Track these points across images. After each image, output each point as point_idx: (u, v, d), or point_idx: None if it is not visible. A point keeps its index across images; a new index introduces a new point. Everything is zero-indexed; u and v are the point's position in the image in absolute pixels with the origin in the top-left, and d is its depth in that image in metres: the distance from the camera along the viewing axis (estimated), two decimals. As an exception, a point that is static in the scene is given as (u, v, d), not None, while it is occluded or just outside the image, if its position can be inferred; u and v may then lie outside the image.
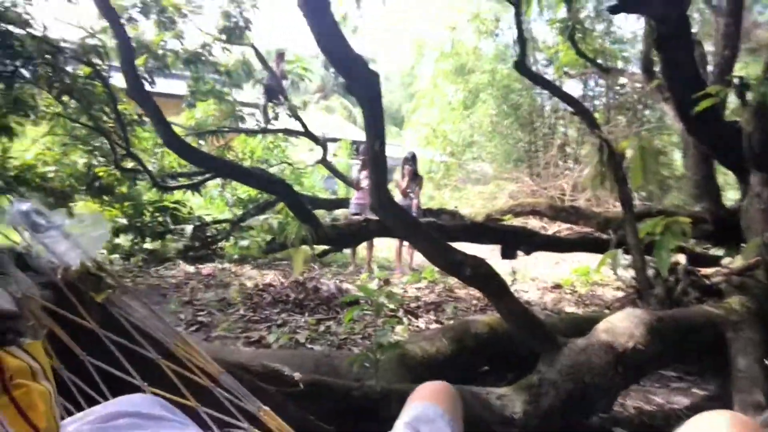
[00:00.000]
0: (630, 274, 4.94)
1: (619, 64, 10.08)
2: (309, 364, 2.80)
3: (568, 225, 8.50)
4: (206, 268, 6.88)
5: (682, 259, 4.02)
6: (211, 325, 4.28)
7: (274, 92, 7.39)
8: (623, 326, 2.53)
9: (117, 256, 7.40)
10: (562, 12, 6.12)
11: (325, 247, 4.71)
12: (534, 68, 11.62)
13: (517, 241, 4.64)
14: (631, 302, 4.25)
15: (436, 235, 3.65)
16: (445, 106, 12.57)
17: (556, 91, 4.18)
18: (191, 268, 6.90)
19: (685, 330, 2.76)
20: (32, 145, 7.29)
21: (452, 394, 1.24)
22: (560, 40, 6.41)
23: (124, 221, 7.58)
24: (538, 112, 11.66)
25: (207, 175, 6.62)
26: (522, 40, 3.29)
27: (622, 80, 10.16)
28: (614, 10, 4.21)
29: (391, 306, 4.99)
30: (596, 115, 12.12)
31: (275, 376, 1.75)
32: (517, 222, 10.52)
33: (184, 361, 1.07)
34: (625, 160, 3.58)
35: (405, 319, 4.58)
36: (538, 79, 3.81)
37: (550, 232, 10.11)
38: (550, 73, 10.22)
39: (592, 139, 3.34)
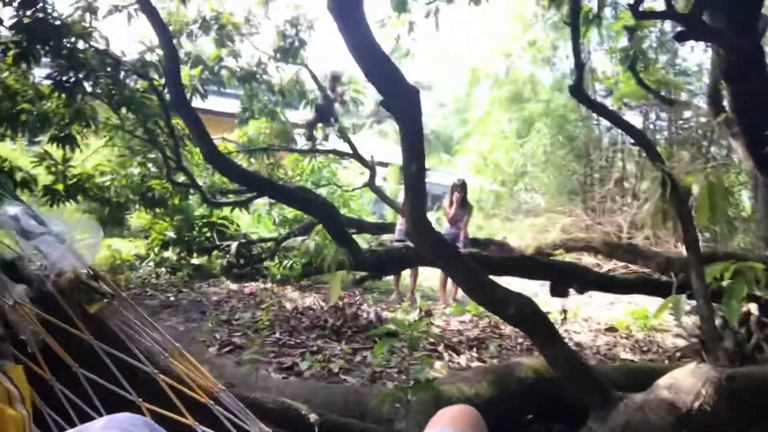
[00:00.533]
0: (692, 321, 4.56)
1: (683, 97, 9.62)
2: (337, 399, 2.64)
3: (625, 264, 8.06)
4: (249, 287, 6.86)
5: (754, 309, 3.65)
6: (245, 347, 4.18)
7: (325, 113, 7.39)
8: (688, 383, 2.24)
9: (163, 269, 7.50)
10: (623, 41, 5.87)
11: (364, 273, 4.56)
12: (592, 96, 11.29)
13: (568, 279, 4.35)
14: (694, 353, 3.87)
15: (481, 267, 3.43)
16: (498, 135, 12.34)
17: (614, 119, 3.92)
18: (234, 286, 6.90)
19: (760, 391, 2.44)
20: (92, 155, 7.53)
21: (475, 420, 1.16)
22: (620, 70, 6.13)
23: (172, 235, 7.69)
24: (595, 144, 11.25)
25: (255, 193, 6.62)
26: (579, 63, 3.08)
27: (687, 114, 9.69)
28: (681, 37, 3.95)
29: (431, 340, 4.78)
30: (658, 149, 11.61)
31: (292, 414, 1.59)
32: (570, 258, 10.09)
33: (181, 375, 0.96)
34: (691, 197, 3.28)
35: (445, 355, 4.36)
36: (595, 106, 3.59)
37: (604, 270, 9.64)
38: (608, 104, 9.85)
39: (654, 173, 3.07)
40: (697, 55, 11.22)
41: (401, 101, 1.77)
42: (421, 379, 3.66)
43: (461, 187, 7.30)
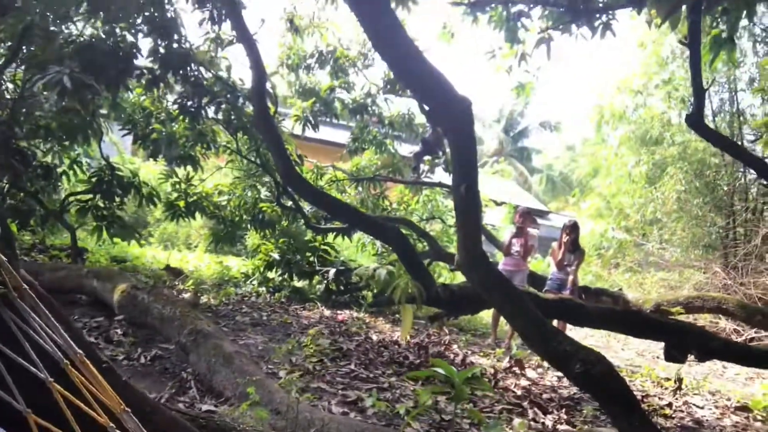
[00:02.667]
0: None
1: None
2: (380, 446, 2.38)
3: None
4: (342, 315, 6.80)
5: None
6: (317, 376, 4.05)
7: (431, 146, 7.27)
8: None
9: (264, 289, 7.70)
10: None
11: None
12: (739, 128, 10.00)
13: (682, 342, 3.71)
14: None
15: (572, 317, 3.02)
16: (624, 178, 11.38)
17: (743, 155, 3.32)
18: (327, 312, 6.88)
19: None
20: (211, 175, 8.02)
21: None
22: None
23: (277, 256, 7.90)
24: (741, 193, 9.92)
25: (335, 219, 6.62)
26: (698, 89, 2.63)
27: None
28: None
29: (517, 393, 4.32)
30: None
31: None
32: (705, 320, 8.88)
33: (81, 389, 0.81)
34: None
35: (530, 412, 3.88)
36: (718, 139, 3.02)
37: (744, 338, 8.37)
38: (758, 152, 8.68)
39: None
40: None
41: (447, 112, 1.55)
42: (495, 436, 3.28)
43: (572, 228, 6.72)
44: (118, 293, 4.20)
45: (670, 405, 4.78)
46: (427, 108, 1.61)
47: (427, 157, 7.52)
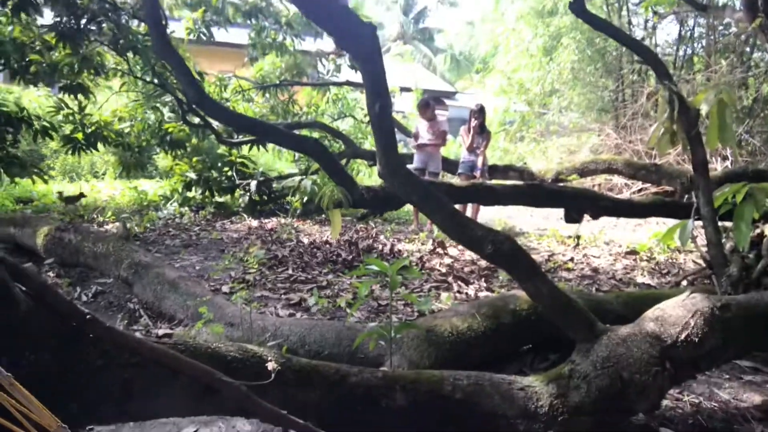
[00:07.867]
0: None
1: (721, 2, 8.87)
2: (330, 337, 2.70)
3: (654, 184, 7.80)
4: (270, 223, 6.97)
5: (769, 231, 3.49)
6: (259, 285, 4.29)
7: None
8: (676, 315, 2.19)
9: (187, 209, 7.66)
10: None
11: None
12: (624, 9, 10.57)
13: (579, 205, 4.24)
14: (707, 278, 3.79)
15: (487, 198, 3.38)
16: (523, 53, 11.78)
17: (621, 37, 3.65)
18: (255, 223, 7.02)
19: (759, 320, 2.36)
20: (105, 102, 7.55)
21: None
22: (648, -25, 5.65)
23: (193, 175, 7.79)
24: (628, 56, 10.62)
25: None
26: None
27: (727, 19, 8.99)
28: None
29: (442, 270, 4.81)
30: (695, 59, 10.91)
31: (253, 362, 1.62)
32: (600, 179, 9.83)
33: (12, 411, 0.89)
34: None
35: (454, 285, 4.38)
36: (599, 24, 3.30)
37: (633, 191, 9.41)
38: (641, 14, 9.22)
39: (663, 92, 2.88)
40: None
41: (355, 41, 1.67)
42: (426, 310, 3.73)
43: (479, 112, 7.08)
44: (42, 237, 4.12)
45: (572, 259, 5.49)
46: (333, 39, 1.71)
47: (331, 56, 7.42)
